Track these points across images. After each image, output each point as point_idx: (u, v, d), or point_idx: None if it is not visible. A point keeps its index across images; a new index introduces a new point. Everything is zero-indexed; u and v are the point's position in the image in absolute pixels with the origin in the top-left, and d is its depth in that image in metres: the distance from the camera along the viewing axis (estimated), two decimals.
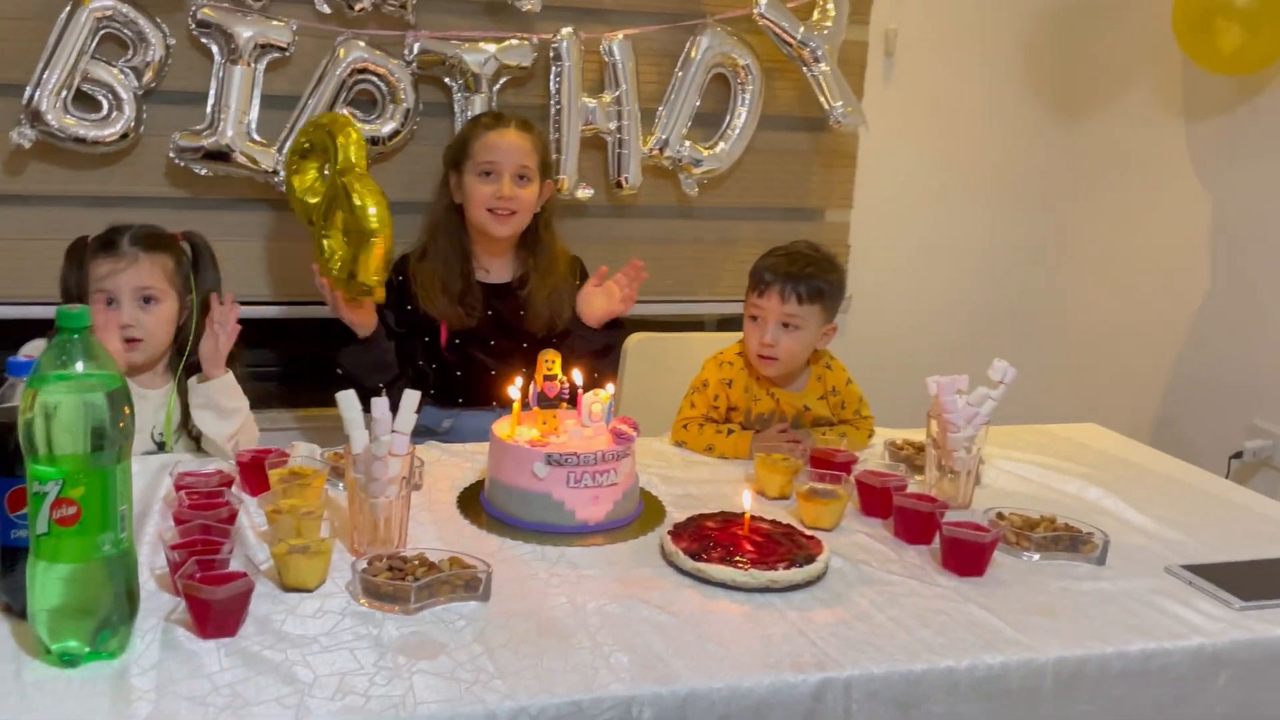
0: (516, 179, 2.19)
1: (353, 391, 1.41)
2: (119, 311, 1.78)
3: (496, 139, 2.20)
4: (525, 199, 2.21)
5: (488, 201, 2.18)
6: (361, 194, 1.99)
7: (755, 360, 1.97)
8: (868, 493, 1.68)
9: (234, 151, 2.32)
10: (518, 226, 2.23)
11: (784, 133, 2.80)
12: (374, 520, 1.41)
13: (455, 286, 2.21)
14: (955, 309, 3.16)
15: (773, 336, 1.93)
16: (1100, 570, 1.52)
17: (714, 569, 1.40)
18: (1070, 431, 2.22)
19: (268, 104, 2.36)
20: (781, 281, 1.93)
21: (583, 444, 1.59)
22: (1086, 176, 3.14)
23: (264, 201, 2.46)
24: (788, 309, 1.93)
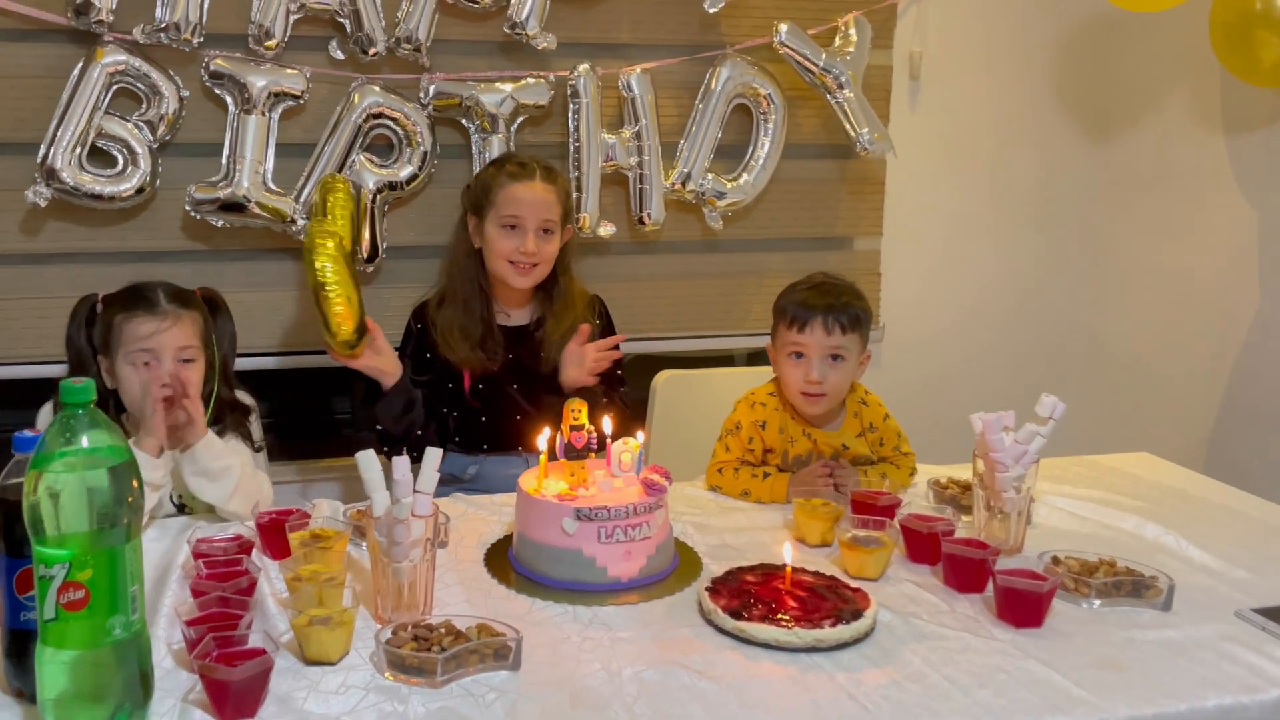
0: (540, 233, 2.16)
1: (371, 452, 1.38)
2: (159, 371, 1.73)
3: (522, 192, 2.16)
4: (549, 252, 2.18)
5: (510, 254, 2.15)
6: (315, 246, 1.97)
7: (799, 399, 1.91)
8: (914, 539, 1.62)
9: (250, 202, 2.31)
10: (538, 278, 2.20)
11: (809, 161, 2.75)
12: (398, 585, 1.37)
13: (475, 331, 2.18)
14: (993, 336, 3.09)
15: (819, 372, 1.89)
16: (1166, 617, 1.45)
17: (756, 628, 1.34)
18: (1122, 462, 2.15)
19: (283, 152, 2.35)
20: (823, 314, 1.88)
21: (613, 496, 1.55)
22: (1125, 195, 3.07)
23: (282, 251, 2.44)
24: (833, 340, 1.89)
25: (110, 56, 2.20)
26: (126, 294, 1.83)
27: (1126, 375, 3.11)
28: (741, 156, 2.66)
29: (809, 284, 1.94)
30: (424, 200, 2.47)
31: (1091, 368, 3.14)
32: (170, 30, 2.22)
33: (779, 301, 1.96)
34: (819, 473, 1.84)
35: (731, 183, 2.64)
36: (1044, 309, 3.11)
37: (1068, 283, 3.12)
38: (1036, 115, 3.00)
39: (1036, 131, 3.01)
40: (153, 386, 1.70)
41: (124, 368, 1.74)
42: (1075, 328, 3.14)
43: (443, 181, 2.46)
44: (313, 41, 2.35)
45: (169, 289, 1.82)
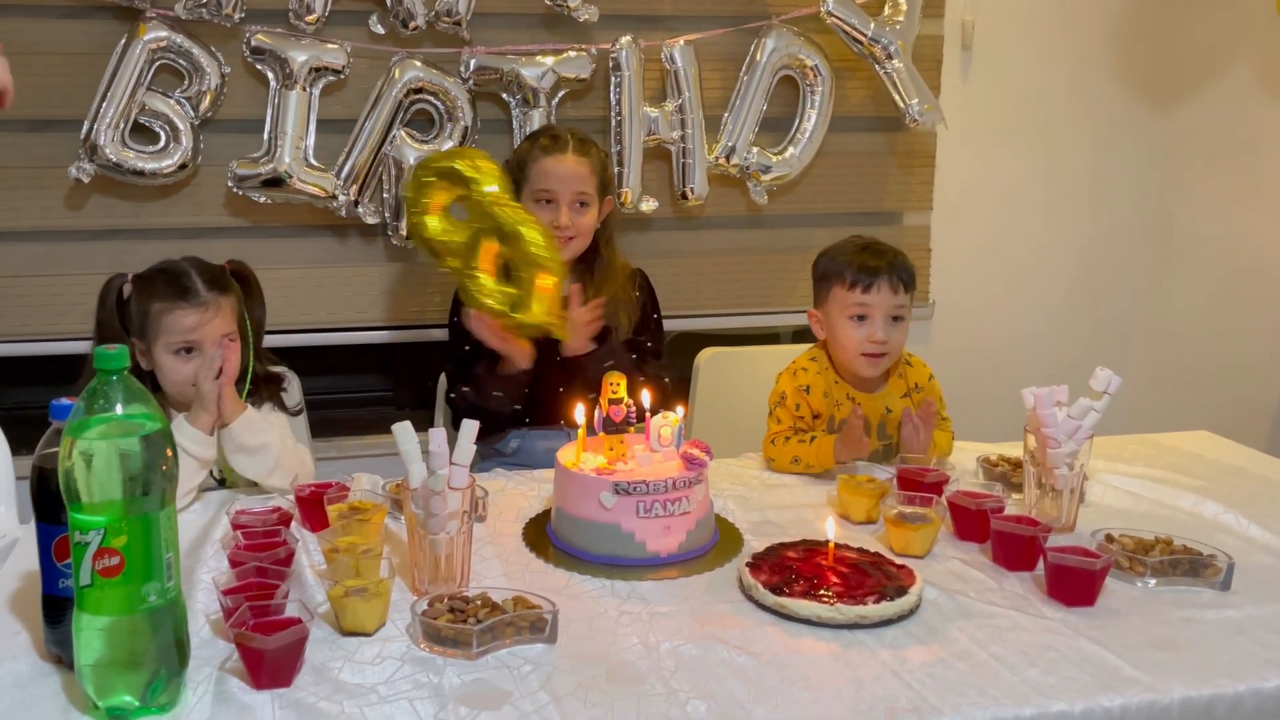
0: (576, 206, 2.14)
1: (408, 424, 1.37)
2: (203, 360, 1.72)
3: (554, 165, 2.13)
4: (585, 225, 2.16)
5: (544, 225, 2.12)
6: (521, 225, 1.96)
7: (859, 362, 1.89)
8: (962, 515, 1.59)
9: (292, 177, 2.32)
10: (576, 251, 2.18)
11: (857, 134, 2.71)
12: (435, 557, 1.36)
13: None
14: (1046, 312, 3.02)
15: (885, 332, 1.87)
16: (1225, 597, 1.40)
17: (798, 604, 1.32)
18: (1181, 440, 2.09)
19: (324, 128, 2.36)
20: (888, 273, 1.87)
21: (652, 471, 1.53)
22: (1185, 166, 2.98)
23: (324, 227, 2.45)
24: (898, 299, 1.88)
25: (152, 33, 2.22)
26: (160, 279, 1.77)
27: (1186, 351, 3.03)
28: (787, 130, 2.62)
29: (857, 245, 1.92)
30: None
31: (1150, 344, 3.06)
32: (211, 6, 2.23)
33: (829, 265, 1.93)
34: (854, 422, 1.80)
35: (777, 156, 2.61)
36: (1100, 283, 3.04)
37: (1125, 257, 3.04)
38: (1093, 85, 2.92)
39: (1093, 102, 2.93)
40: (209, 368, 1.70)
41: (165, 357, 1.73)
42: (1133, 303, 3.06)
43: None
44: (353, 16, 2.36)
45: (204, 273, 1.76)
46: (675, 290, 2.59)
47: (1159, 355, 3.05)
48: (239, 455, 1.73)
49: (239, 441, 1.72)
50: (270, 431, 1.76)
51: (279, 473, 1.74)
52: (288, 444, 1.77)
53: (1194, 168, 2.97)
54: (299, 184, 2.32)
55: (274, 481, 1.74)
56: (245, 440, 1.72)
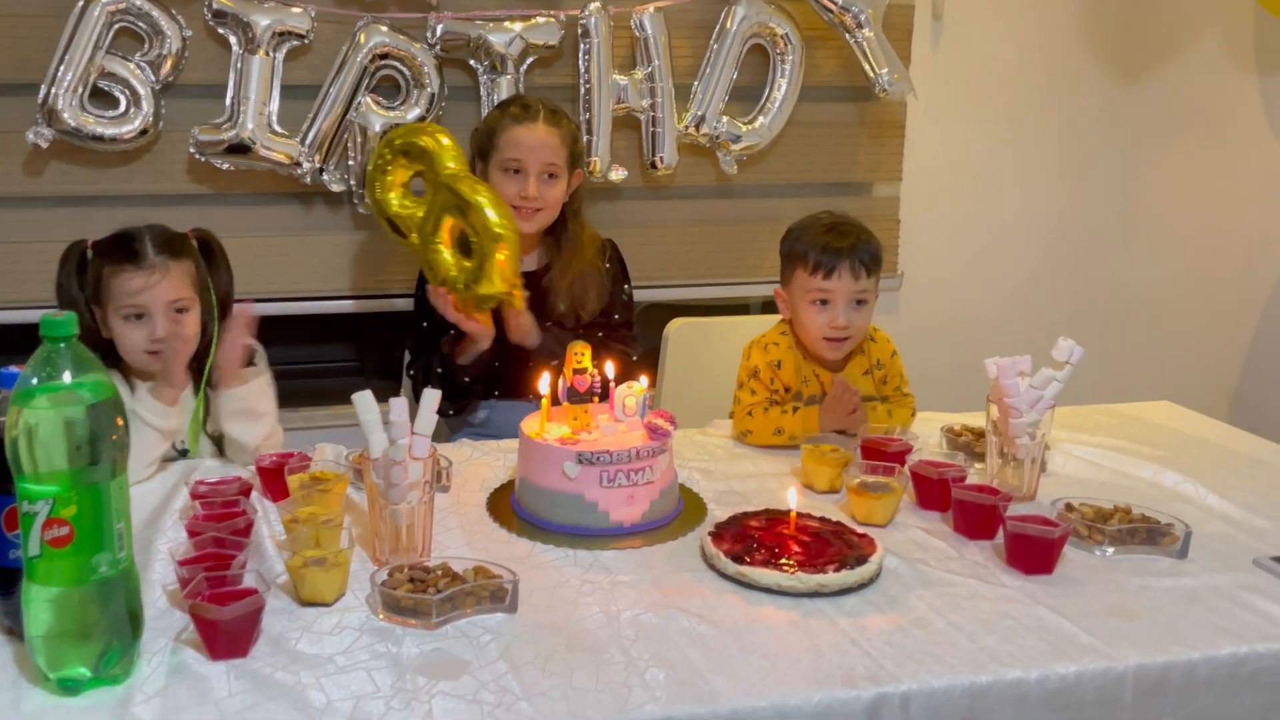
0: (544, 178, 2.11)
1: (369, 393, 1.35)
2: (151, 326, 1.70)
3: (524, 135, 2.10)
4: (552, 197, 2.12)
5: (512, 199, 2.09)
6: (479, 197, 1.95)
7: (821, 345, 1.88)
8: (924, 485, 1.59)
9: (255, 144, 2.28)
10: (543, 223, 2.15)
11: (827, 104, 2.69)
12: (395, 528, 1.36)
13: None
14: (1014, 283, 3.03)
15: (846, 318, 1.85)
16: (1182, 565, 1.41)
17: (758, 573, 1.32)
18: (1142, 411, 2.11)
19: (288, 94, 2.31)
20: (849, 258, 1.84)
21: (616, 440, 1.52)
22: (1153, 138, 2.98)
23: (289, 195, 2.41)
24: (860, 285, 1.85)
25: None
26: (114, 243, 1.74)
27: (1150, 323, 3.05)
28: (757, 99, 2.60)
29: (822, 225, 1.89)
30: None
31: (1114, 315, 3.08)
32: None
33: (793, 246, 1.91)
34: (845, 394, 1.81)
35: (747, 126, 2.59)
36: (1066, 256, 3.05)
37: (1092, 229, 3.05)
38: (1063, 56, 2.92)
39: (1063, 73, 2.92)
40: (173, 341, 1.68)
41: (116, 322, 1.69)
42: (1099, 275, 3.08)
43: (450, 124, 2.40)
44: None
45: (158, 237, 1.73)
46: (644, 260, 2.58)
47: (1124, 326, 3.07)
48: (239, 420, 1.72)
49: (248, 404, 1.71)
50: (274, 402, 1.77)
51: (268, 442, 1.74)
52: (275, 420, 1.78)
53: (1163, 140, 2.98)
54: (262, 151, 2.29)
55: (261, 449, 1.72)
56: (256, 406, 1.73)
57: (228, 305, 1.83)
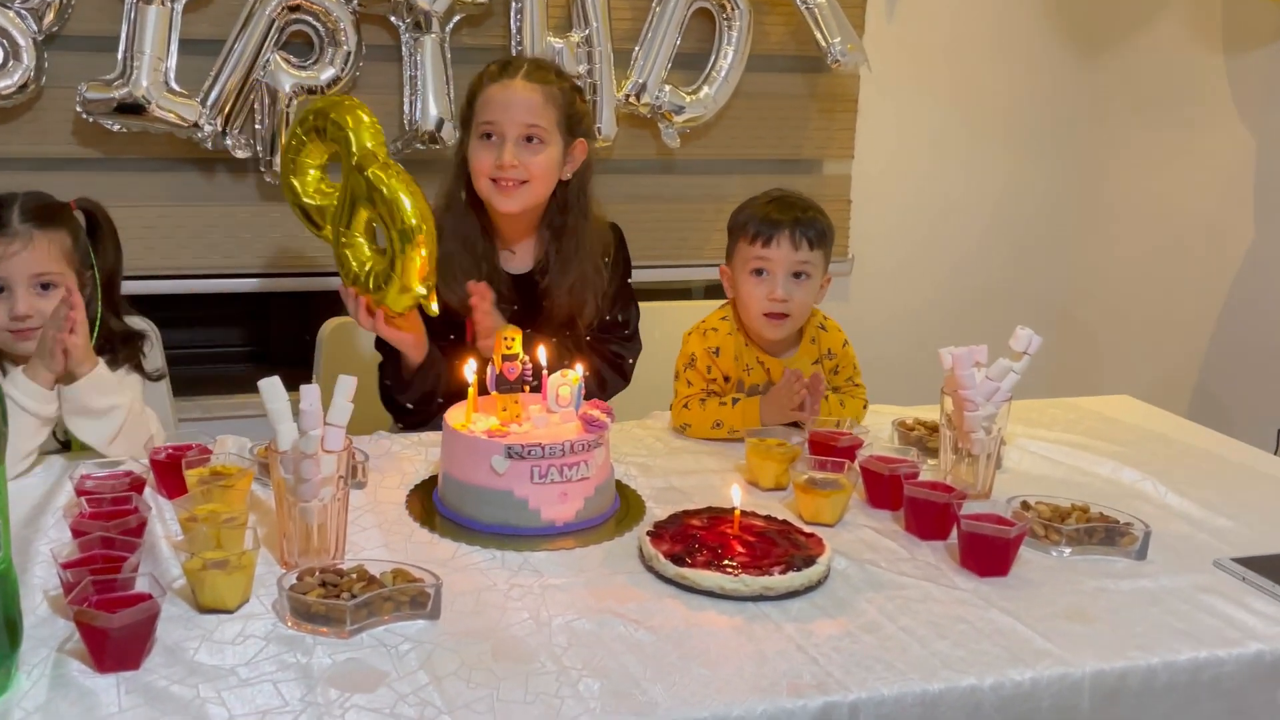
0: (523, 142, 1.92)
1: (277, 379, 1.32)
2: (12, 301, 1.65)
3: (498, 93, 1.93)
4: (538, 166, 1.93)
5: (488, 171, 1.93)
6: (391, 187, 1.80)
7: (760, 322, 1.89)
8: (875, 481, 1.61)
9: (150, 104, 2.22)
10: (529, 200, 1.96)
11: (776, 74, 2.71)
12: (305, 527, 1.33)
13: (477, 274, 1.96)
14: (970, 269, 3.08)
15: (785, 289, 1.87)
16: (1140, 566, 1.45)
17: (699, 575, 1.32)
18: (1101, 405, 2.16)
19: (188, 49, 2.27)
20: (790, 227, 1.86)
21: (548, 433, 1.52)
22: (1114, 118, 3.05)
23: (187, 161, 2.36)
24: (800, 256, 1.87)
25: None
26: None
27: (1109, 312, 3.13)
28: (702, 67, 2.61)
29: (768, 197, 1.92)
30: None
31: (1072, 304, 3.15)
32: None
33: (737, 217, 1.94)
34: (793, 387, 1.82)
35: (691, 96, 2.59)
36: (1025, 239, 3.11)
37: (1052, 212, 3.11)
38: (1023, 30, 2.97)
39: (1022, 47, 2.98)
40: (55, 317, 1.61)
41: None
42: (1057, 260, 3.15)
43: (369, 86, 2.39)
44: None
45: (29, 204, 1.67)
46: None
47: (1081, 315, 3.15)
48: (79, 418, 1.65)
49: (82, 402, 1.64)
50: (122, 393, 1.68)
51: (122, 440, 1.67)
52: (135, 408, 1.70)
53: (1125, 119, 3.05)
54: (158, 111, 2.23)
55: (115, 450, 1.67)
56: (90, 401, 1.64)
57: (114, 283, 1.78)
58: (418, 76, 2.38)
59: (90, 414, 1.65)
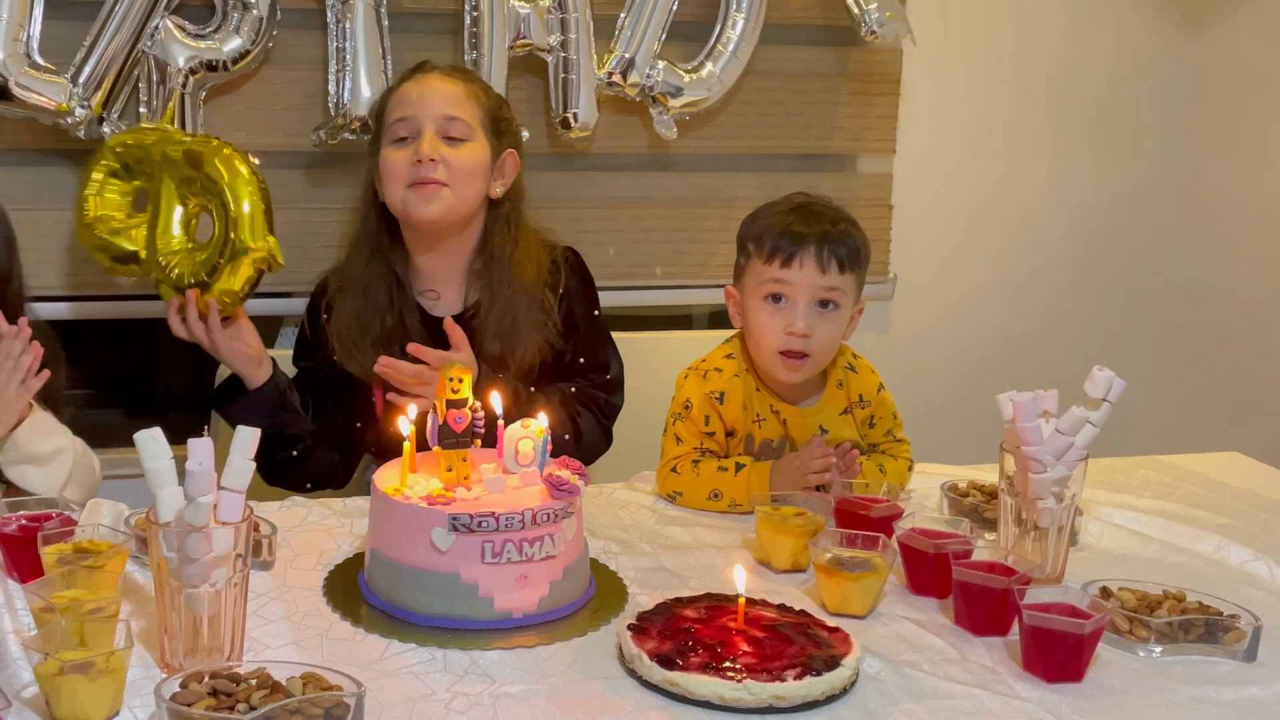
0: (443, 138, 2.05)
1: (158, 430, 1.33)
2: None
3: (412, 89, 2.10)
4: (460, 163, 2.04)
5: (404, 174, 2.04)
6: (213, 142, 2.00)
7: (773, 361, 1.90)
8: (917, 562, 1.62)
9: (8, 81, 2.23)
10: (451, 206, 2.05)
11: (798, 49, 2.74)
12: (193, 620, 1.34)
13: (374, 326, 2.08)
14: (1039, 294, 3.10)
15: (806, 322, 1.88)
16: (1249, 670, 1.46)
17: (694, 681, 1.33)
18: (1202, 464, 2.18)
19: (55, 13, 2.28)
20: (817, 244, 1.88)
21: (505, 500, 1.53)
22: (1216, 106, 3.09)
23: (54, 153, 2.37)
24: (827, 280, 1.89)
25: None
26: None
27: (1215, 347, 3.15)
28: (705, 39, 2.64)
29: (789, 205, 1.94)
30: (258, 87, 2.42)
31: (1168, 336, 3.17)
32: None
33: (750, 228, 1.96)
34: (816, 455, 1.83)
35: (690, 75, 2.62)
36: (1108, 256, 3.14)
37: (1141, 220, 3.14)
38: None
39: (1103, 17, 3.02)
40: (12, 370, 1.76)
41: None
42: (1147, 282, 3.17)
43: (284, 61, 2.42)
44: None
45: None
46: None
47: (1180, 353, 3.16)
48: (25, 466, 1.79)
49: (27, 450, 1.78)
50: (62, 433, 1.83)
51: (74, 486, 1.81)
52: (79, 447, 1.85)
53: (1232, 105, 3.08)
54: (18, 91, 2.24)
55: (71, 494, 1.79)
56: (35, 448, 1.78)
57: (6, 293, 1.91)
58: (346, 49, 2.40)
59: (37, 461, 1.80)
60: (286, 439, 2.07)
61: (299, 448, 2.09)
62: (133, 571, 1.54)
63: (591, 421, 2.12)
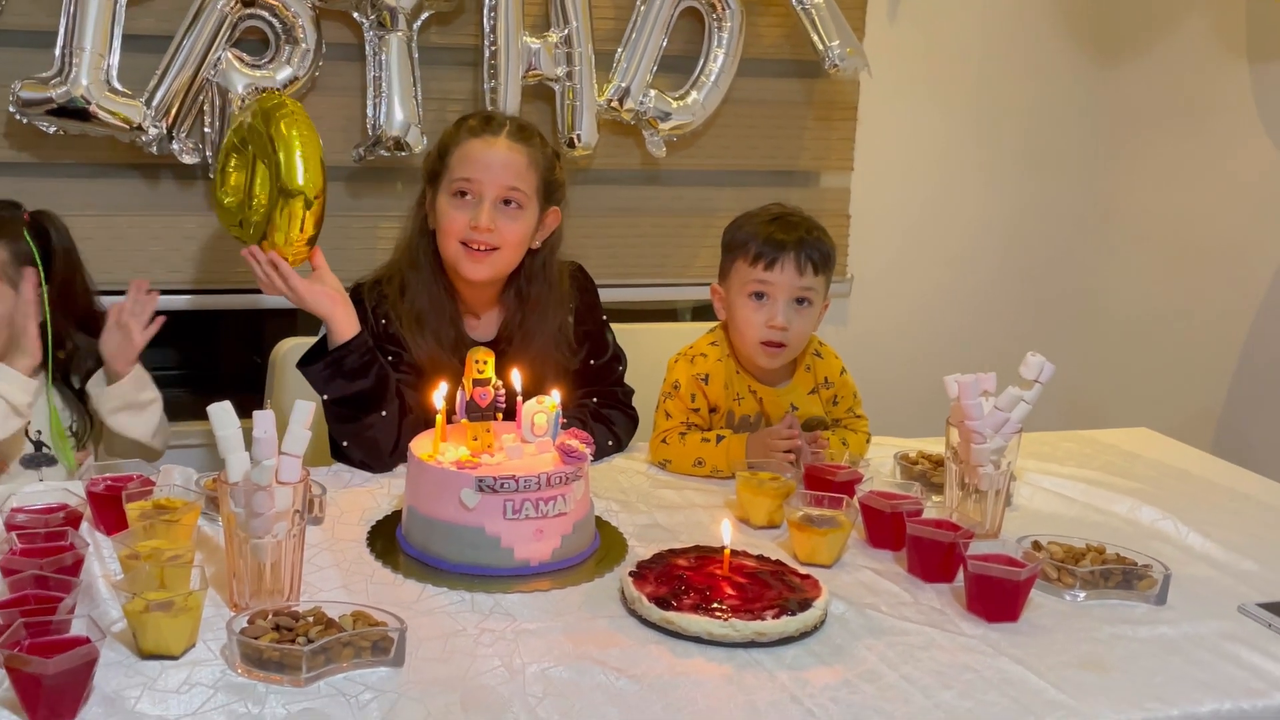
0: (501, 205, 1.93)
1: (228, 404, 1.34)
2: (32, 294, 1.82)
3: (480, 150, 1.94)
4: (512, 233, 1.93)
5: (461, 233, 1.92)
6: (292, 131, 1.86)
7: (756, 350, 1.91)
8: (875, 519, 1.63)
9: (91, 104, 2.23)
10: (498, 268, 1.96)
11: (770, 80, 2.74)
12: (258, 566, 1.35)
13: (446, 335, 1.97)
14: (978, 290, 3.11)
15: (785, 317, 1.89)
16: (1160, 611, 1.47)
17: (687, 619, 1.34)
18: (1119, 438, 2.19)
19: (132, 45, 2.27)
20: (795, 249, 1.89)
21: (523, 465, 1.53)
22: (1134, 130, 3.10)
23: (130, 167, 2.37)
24: (804, 281, 1.90)
25: None
26: None
27: (1128, 339, 3.17)
28: (690, 71, 2.64)
29: (769, 215, 1.95)
30: (306, 110, 2.35)
31: (1088, 329, 3.19)
32: None
33: (735, 235, 1.97)
34: (781, 434, 1.84)
35: (678, 102, 2.62)
36: (1036, 260, 3.14)
37: (1065, 230, 3.15)
38: (1036, 34, 3.01)
39: (1035, 53, 3.02)
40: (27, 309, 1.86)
41: None
42: (1071, 282, 3.18)
43: (329, 88, 2.41)
44: None
45: None
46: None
47: (1099, 341, 3.18)
48: (125, 414, 1.92)
49: (129, 397, 1.91)
50: (156, 389, 1.96)
51: (161, 435, 1.97)
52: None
53: (1144, 132, 3.09)
54: (99, 112, 2.24)
55: (156, 443, 1.96)
56: (136, 395, 1.91)
57: (72, 295, 1.96)
58: (382, 78, 2.40)
59: (135, 408, 1.93)
60: (376, 397, 1.86)
61: (389, 409, 1.87)
62: (203, 525, 1.55)
63: (620, 418, 2.06)
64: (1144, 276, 3.14)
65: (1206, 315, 2.98)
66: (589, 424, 1.97)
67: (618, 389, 2.10)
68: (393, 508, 1.69)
